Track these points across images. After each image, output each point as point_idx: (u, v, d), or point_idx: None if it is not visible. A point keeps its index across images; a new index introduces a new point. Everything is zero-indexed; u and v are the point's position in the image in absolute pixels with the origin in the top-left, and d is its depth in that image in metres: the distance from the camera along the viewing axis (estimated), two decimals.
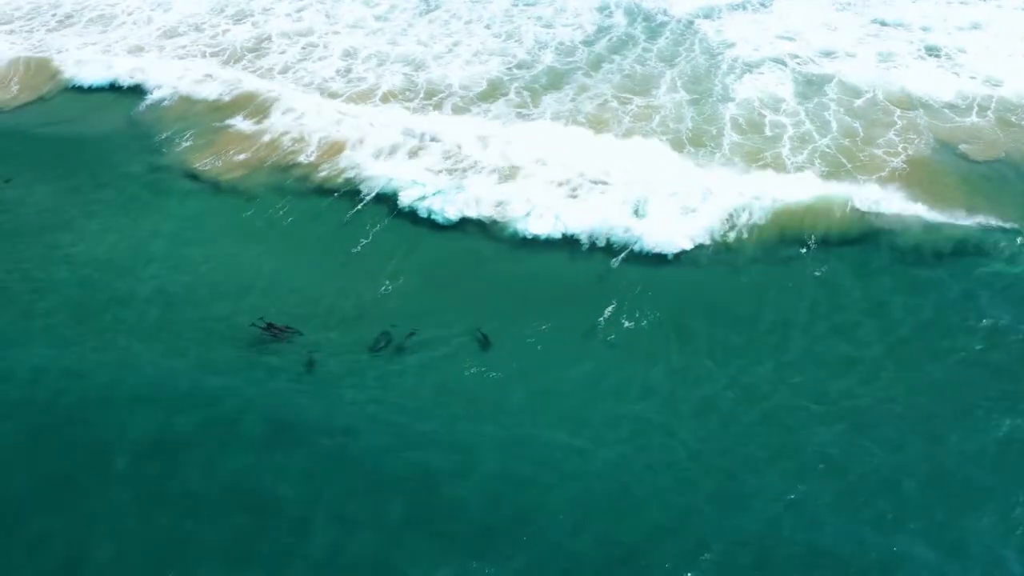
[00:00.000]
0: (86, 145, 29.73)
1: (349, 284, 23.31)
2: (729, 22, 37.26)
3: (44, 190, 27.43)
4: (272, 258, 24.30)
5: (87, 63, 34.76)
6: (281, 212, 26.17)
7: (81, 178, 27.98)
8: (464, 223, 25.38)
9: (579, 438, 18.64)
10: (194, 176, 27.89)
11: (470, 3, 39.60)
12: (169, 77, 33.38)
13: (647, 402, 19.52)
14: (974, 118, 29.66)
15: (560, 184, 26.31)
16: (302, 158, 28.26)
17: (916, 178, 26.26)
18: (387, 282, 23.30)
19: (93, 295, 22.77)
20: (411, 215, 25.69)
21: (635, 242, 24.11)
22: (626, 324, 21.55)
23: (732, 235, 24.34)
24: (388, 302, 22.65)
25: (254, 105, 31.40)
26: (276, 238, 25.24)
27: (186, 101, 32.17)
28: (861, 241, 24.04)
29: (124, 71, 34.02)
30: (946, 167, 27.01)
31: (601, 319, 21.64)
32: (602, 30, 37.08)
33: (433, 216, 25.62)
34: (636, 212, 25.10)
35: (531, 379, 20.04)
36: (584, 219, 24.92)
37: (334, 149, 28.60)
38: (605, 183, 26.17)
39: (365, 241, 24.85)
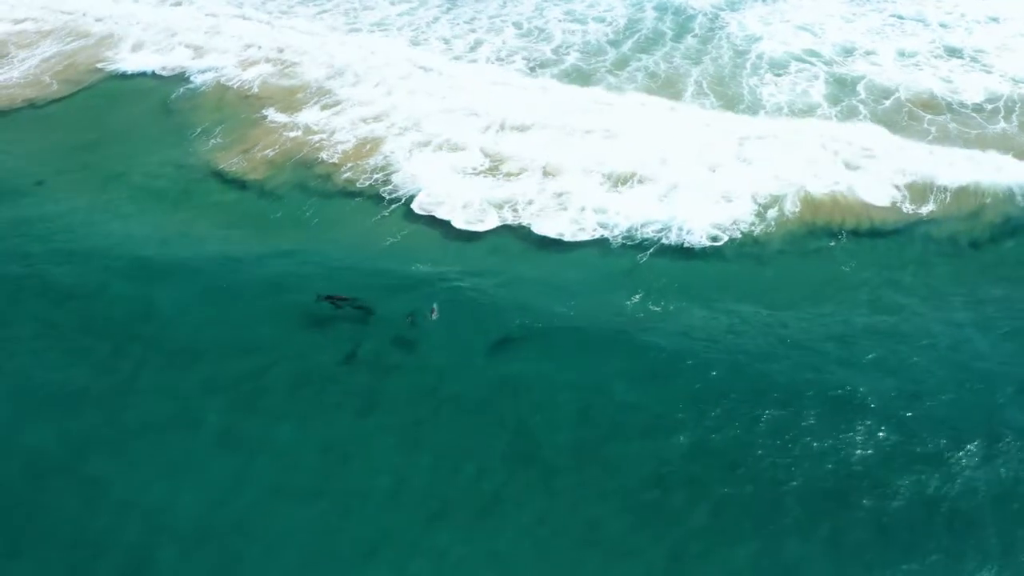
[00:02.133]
0: (120, 140, 30.01)
1: (380, 275, 23.33)
2: (751, 15, 37.47)
3: (75, 191, 27.44)
4: (301, 253, 24.44)
5: (131, 53, 35.47)
6: (309, 210, 26.24)
7: (113, 175, 28.17)
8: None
9: None
10: (222, 173, 27.99)
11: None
12: (223, 57, 34.12)
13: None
14: (1002, 123, 29.53)
15: (590, 180, 26.55)
16: (325, 155, 28.33)
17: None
18: (417, 266, 23.35)
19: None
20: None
21: (665, 235, 24.33)
22: (655, 309, 21.73)
23: (760, 228, 24.58)
24: (413, 295, 22.69)
25: (293, 96, 31.81)
26: (307, 233, 25.34)
27: (222, 88, 32.53)
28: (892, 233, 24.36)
29: (169, 58, 34.73)
30: None
31: (628, 304, 21.82)
32: (631, 22, 37.23)
33: (466, 218, 25.49)
34: (667, 207, 25.25)
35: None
36: (617, 215, 25.12)
37: (371, 146, 28.82)
38: (637, 179, 26.48)
39: (393, 240, 24.85)
